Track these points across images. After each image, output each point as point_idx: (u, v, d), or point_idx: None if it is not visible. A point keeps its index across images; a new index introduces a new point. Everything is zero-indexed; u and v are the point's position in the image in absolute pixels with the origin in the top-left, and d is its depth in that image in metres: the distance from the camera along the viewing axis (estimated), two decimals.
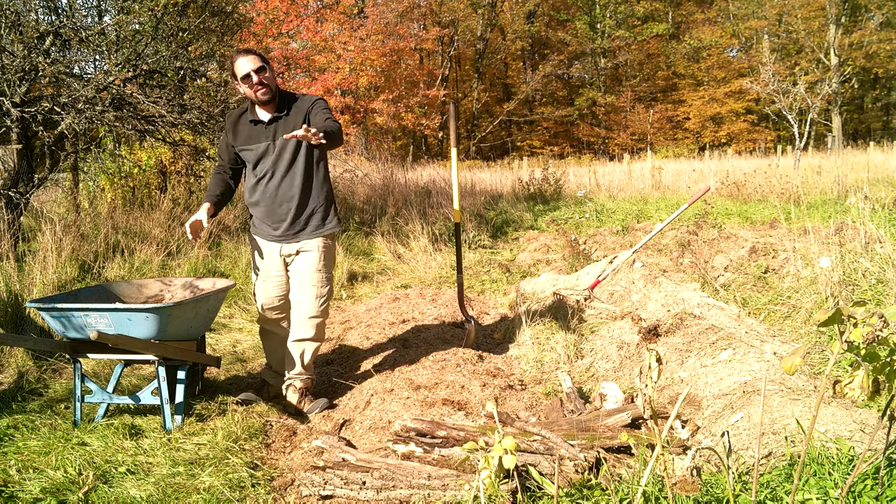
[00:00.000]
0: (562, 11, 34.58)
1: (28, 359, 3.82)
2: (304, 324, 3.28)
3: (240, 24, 8.47)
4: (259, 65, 3.09)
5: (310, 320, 3.28)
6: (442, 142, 29.36)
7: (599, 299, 4.84)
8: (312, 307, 3.27)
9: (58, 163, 6.48)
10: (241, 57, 3.09)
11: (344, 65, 21.23)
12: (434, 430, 2.52)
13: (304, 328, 3.29)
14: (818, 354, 3.04)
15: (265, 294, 3.34)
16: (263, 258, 3.30)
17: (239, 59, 3.09)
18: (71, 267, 5.33)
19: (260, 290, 3.34)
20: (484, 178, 16.16)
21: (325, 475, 2.35)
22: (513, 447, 1.78)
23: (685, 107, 32.29)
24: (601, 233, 8.93)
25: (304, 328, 3.29)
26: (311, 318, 3.29)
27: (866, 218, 4.83)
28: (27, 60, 5.60)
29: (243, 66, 3.07)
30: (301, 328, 3.29)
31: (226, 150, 3.27)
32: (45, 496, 2.37)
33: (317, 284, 3.26)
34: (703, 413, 2.74)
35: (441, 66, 29.15)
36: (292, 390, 3.34)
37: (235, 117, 3.26)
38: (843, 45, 29.45)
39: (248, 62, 3.07)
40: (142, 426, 3.06)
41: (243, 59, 3.08)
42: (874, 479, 1.76)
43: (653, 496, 1.88)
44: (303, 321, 3.28)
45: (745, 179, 11.84)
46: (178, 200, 7.67)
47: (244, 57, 3.09)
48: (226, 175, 3.29)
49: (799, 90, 13.40)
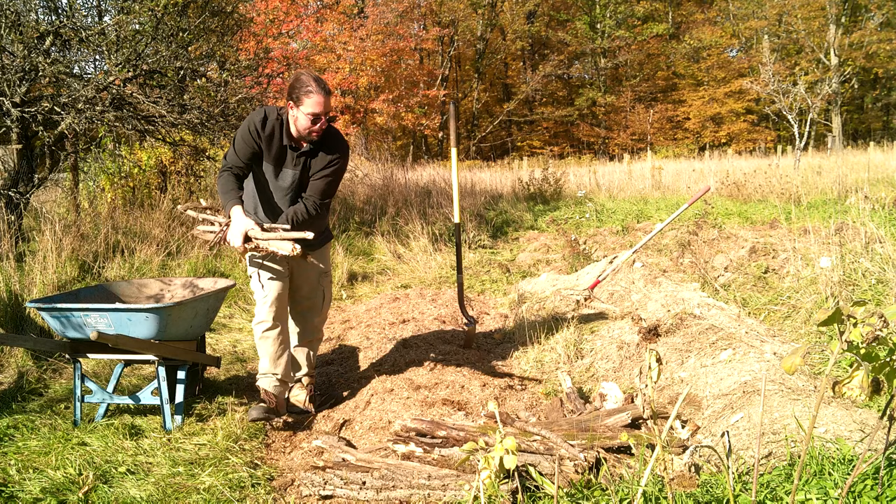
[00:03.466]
0: (562, 11, 34.57)
1: (28, 359, 3.82)
2: (312, 326, 3.35)
3: (240, 24, 8.47)
4: (330, 110, 2.93)
5: (318, 321, 3.37)
6: (442, 142, 29.36)
7: (599, 299, 4.84)
8: (322, 310, 3.35)
9: (58, 163, 6.48)
10: (321, 95, 2.86)
11: (344, 65, 21.23)
12: (434, 430, 2.52)
13: (311, 329, 3.36)
14: (818, 354, 3.04)
15: (279, 286, 3.13)
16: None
17: (318, 95, 2.86)
18: (71, 267, 5.33)
19: (272, 284, 3.12)
20: (484, 178, 16.16)
21: (325, 475, 2.35)
22: (513, 447, 1.78)
23: (685, 107, 32.27)
24: (601, 233, 8.93)
25: (311, 329, 3.36)
26: (320, 320, 3.38)
27: (866, 218, 4.83)
28: (27, 60, 5.60)
29: (318, 104, 2.86)
30: (309, 330, 3.35)
31: (249, 154, 2.98)
32: (45, 496, 2.37)
33: (325, 287, 3.33)
34: (703, 413, 2.74)
35: (441, 66, 29.14)
36: (299, 387, 3.34)
37: (270, 131, 2.95)
38: (843, 45, 29.44)
39: (324, 104, 2.87)
40: (142, 426, 3.06)
41: (321, 99, 2.86)
42: (874, 479, 1.76)
43: (653, 496, 1.88)
44: (310, 323, 3.34)
45: (745, 179, 11.83)
46: (178, 200, 7.66)
47: (323, 96, 2.86)
48: (240, 175, 3.06)
49: (799, 90, 13.39)
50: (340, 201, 10.43)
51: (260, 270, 3.14)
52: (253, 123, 2.93)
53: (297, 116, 2.90)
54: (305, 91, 2.85)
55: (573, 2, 34.49)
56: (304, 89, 2.85)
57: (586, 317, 4.51)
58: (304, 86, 2.86)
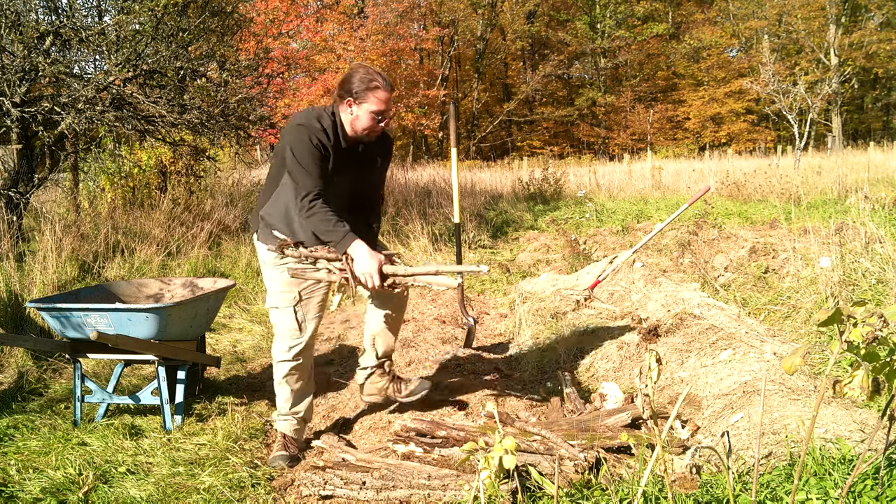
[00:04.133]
0: (562, 11, 34.57)
1: (28, 359, 3.82)
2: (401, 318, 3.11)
3: (240, 24, 8.47)
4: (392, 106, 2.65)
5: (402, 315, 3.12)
6: (442, 142, 29.36)
7: (599, 299, 4.84)
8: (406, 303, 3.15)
9: (58, 163, 6.48)
10: (387, 91, 2.58)
11: (344, 65, 21.22)
12: (434, 430, 2.52)
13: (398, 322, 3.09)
14: (818, 354, 3.04)
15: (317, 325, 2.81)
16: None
17: (384, 91, 2.58)
18: (71, 267, 5.33)
19: (312, 325, 2.77)
20: (484, 178, 16.16)
21: (325, 475, 2.35)
22: (513, 447, 1.78)
23: (685, 107, 32.28)
24: (601, 233, 8.93)
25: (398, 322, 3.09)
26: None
27: (866, 218, 4.83)
28: (27, 60, 5.60)
29: (385, 100, 2.59)
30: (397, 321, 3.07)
31: (323, 169, 2.58)
32: (45, 496, 2.37)
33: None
34: (703, 413, 2.74)
35: (441, 66, 29.14)
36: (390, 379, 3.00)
37: (334, 137, 2.61)
38: (843, 45, 29.44)
39: (388, 100, 2.60)
40: (142, 426, 3.06)
41: (387, 95, 2.58)
42: (874, 479, 1.76)
43: (653, 496, 1.88)
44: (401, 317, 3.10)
45: (745, 179, 11.83)
46: (178, 200, 7.66)
47: (389, 92, 2.59)
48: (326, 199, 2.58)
49: (799, 90, 13.39)
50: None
51: (301, 306, 2.72)
52: (314, 135, 2.54)
53: (358, 115, 2.59)
54: (371, 86, 2.55)
55: (573, 2, 34.49)
56: (370, 84, 2.55)
57: (586, 317, 4.50)
58: (369, 80, 2.56)
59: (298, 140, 2.53)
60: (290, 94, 20.83)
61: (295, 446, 2.83)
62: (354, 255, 2.48)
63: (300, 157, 2.52)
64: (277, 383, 2.82)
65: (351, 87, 2.58)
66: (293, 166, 2.54)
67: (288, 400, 2.82)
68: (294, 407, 2.84)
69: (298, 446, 2.85)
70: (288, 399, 2.82)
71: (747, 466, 2.13)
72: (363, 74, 2.58)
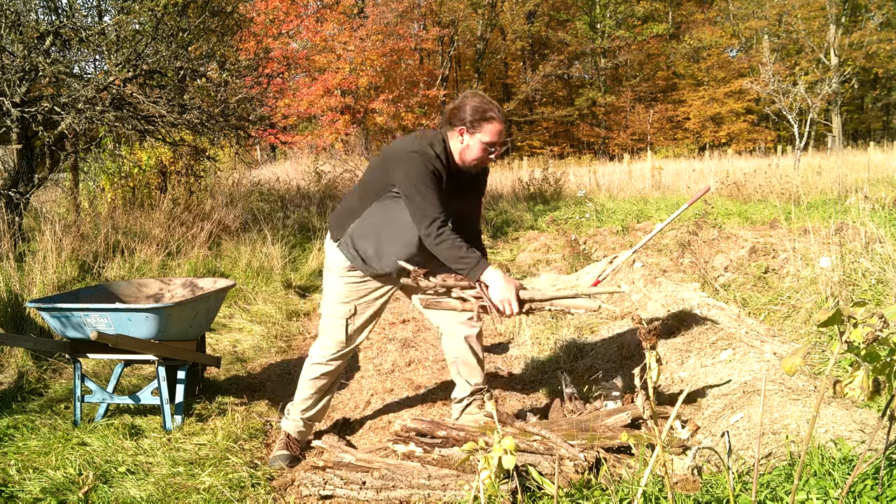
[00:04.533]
0: (562, 11, 34.57)
1: (28, 359, 3.82)
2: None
3: (240, 24, 8.47)
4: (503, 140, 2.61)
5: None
6: None
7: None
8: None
9: (58, 163, 6.48)
10: (502, 123, 2.54)
11: (344, 65, 21.23)
12: (434, 430, 2.52)
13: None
14: (818, 354, 3.04)
15: (367, 332, 2.86)
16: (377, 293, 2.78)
17: (500, 123, 2.54)
18: (71, 267, 5.33)
19: (361, 335, 2.82)
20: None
21: (325, 475, 2.35)
22: (512, 447, 1.78)
23: (685, 107, 32.28)
24: (601, 233, 8.93)
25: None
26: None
27: (866, 218, 4.83)
28: (27, 60, 5.60)
29: (499, 132, 2.54)
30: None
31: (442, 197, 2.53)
32: (45, 496, 2.37)
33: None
34: (703, 413, 2.74)
35: (441, 66, 29.14)
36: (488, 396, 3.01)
37: (441, 165, 2.54)
38: (843, 45, 29.45)
39: (501, 133, 2.55)
40: (142, 426, 3.06)
41: (502, 127, 2.54)
42: (874, 479, 1.76)
43: (653, 496, 1.88)
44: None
45: (745, 179, 11.83)
46: (178, 200, 7.66)
47: (502, 124, 2.54)
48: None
49: (799, 90, 13.39)
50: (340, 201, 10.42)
51: (354, 319, 2.74)
52: (430, 162, 2.48)
53: (470, 144, 2.54)
54: (486, 116, 2.50)
55: (573, 2, 34.49)
56: (485, 115, 2.50)
57: (586, 317, 4.51)
58: (485, 111, 2.50)
59: (416, 168, 2.47)
60: (290, 94, 20.84)
61: (297, 447, 2.84)
62: (490, 282, 2.44)
63: (420, 184, 2.46)
64: (304, 381, 2.84)
65: (464, 116, 2.52)
66: (413, 194, 2.46)
67: (307, 399, 2.84)
68: (308, 410, 2.86)
69: (300, 447, 2.86)
70: (307, 399, 2.84)
71: (747, 466, 2.13)
72: (478, 103, 2.53)
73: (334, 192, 11.30)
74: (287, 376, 3.95)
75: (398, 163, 2.51)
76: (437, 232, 2.45)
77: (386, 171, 2.57)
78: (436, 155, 2.52)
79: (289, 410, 2.90)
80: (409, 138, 2.60)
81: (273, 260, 6.28)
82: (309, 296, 6.02)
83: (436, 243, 2.47)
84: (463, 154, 2.57)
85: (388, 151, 2.63)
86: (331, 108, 21.62)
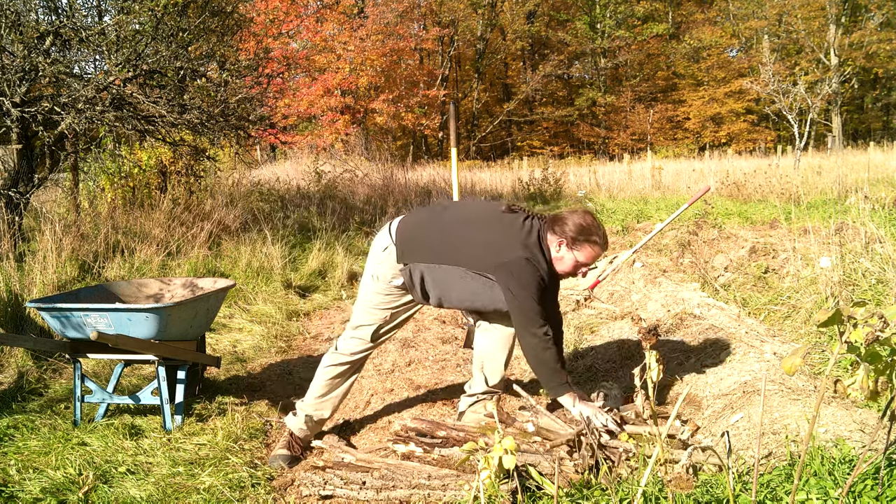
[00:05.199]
0: (562, 11, 34.56)
1: (28, 359, 3.82)
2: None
3: (240, 24, 8.47)
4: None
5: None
6: (442, 142, 29.36)
7: (599, 299, 4.84)
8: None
9: (58, 163, 6.48)
10: (601, 249, 2.62)
11: (344, 65, 21.24)
12: (434, 430, 2.52)
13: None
14: (818, 354, 3.04)
15: (392, 334, 2.95)
16: (414, 306, 2.88)
17: (601, 249, 2.62)
18: (71, 267, 5.33)
19: (387, 336, 2.91)
20: (484, 178, 16.15)
21: (325, 475, 2.35)
22: (513, 447, 1.78)
23: (685, 107, 32.28)
24: None
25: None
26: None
27: (866, 218, 4.83)
28: (27, 60, 5.60)
29: (593, 257, 2.62)
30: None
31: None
32: (45, 496, 2.37)
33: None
34: (703, 413, 2.74)
35: (441, 66, 29.14)
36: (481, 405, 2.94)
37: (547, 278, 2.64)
38: (843, 45, 29.44)
39: (597, 258, 2.66)
40: (142, 426, 3.06)
41: (599, 252, 2.63)
42: (874, 479, 1.76)
43: (653, 496, 1.88)
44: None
45: (745, 179, 11.83)
46: (178, 200, 7.66)
47: (602, 250, 2.63)
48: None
49: (799, 90, 13.39)
50: (340, 201, 10.43)
51: (386, 323, 2.83)
52: (541, 271, 2.58)
53: (564, 257, 2.61)
54: (591, 240, 2.57)
55: (573, 2, 34.49)
56: (590, 238, 2.57)
57: (586, 317, 4.51)
58: (590, 234, 2.57)
59: (528, 275, 2.54)
60: (290, 94, 20.85)
61: (299, 447, 2.85)
62: (564, 404, 2.55)
63: (532, 292, 2.53)
64: (323, 373, 2.88)
65: (567, 230, 2.57)
66: (524, 300, 2.53)
67: (321, 388, 2.86)
68: (321, 404, 2.87)
69: (302, 447, 2.86)
70: (323, 386, 2.86)
71: (747, 466, 2.13)
72: (587, 224, 2.58)
73: (334, 192, 11.30)
74: (287, 376, 3.95)
75: (508, 265, 2.55)
76: (545, 339, 2.54)
77: (490, 258, 2.58)
78: (545, 266, 2.61)
79: (297, 407, 2.91)
80: (519, 239, 2.60)
81: (273, 260, 6.28)
82: (309, 296, 6.02)
83: (544, 349, 2.54)
84: (555, 262, 2.64)
85: (499, 239, 2.62)
86: (331, 108, 21.63)
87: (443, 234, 2.70)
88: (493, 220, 2.69)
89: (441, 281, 2.66)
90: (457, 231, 2.70)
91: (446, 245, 2.66)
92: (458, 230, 2.70)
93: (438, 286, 2.67)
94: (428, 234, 2.73)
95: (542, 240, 2.63)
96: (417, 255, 2.68)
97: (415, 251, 2.69)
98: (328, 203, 10.06)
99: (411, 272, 2.67)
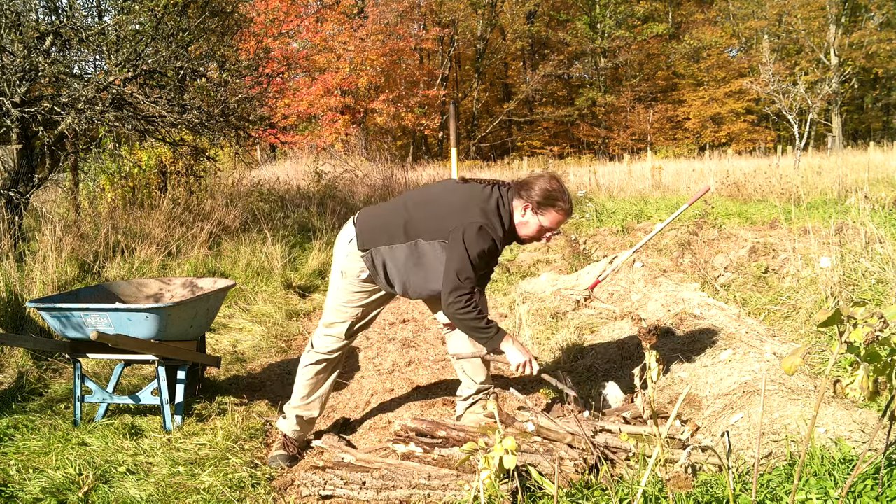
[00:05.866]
0: (562, 11, 34.55)
1: (28, 359, 3.82)
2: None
3: (240, 24, 8.47)
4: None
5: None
6: (442, 142, 29.36)
7: (599, 299, 4.84)
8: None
9: (58, 163, 6.48)
10: (567, 215, 2.63)
11: (344, 65, 21.25)
12: (434, 430, 2.52)
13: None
14: (818, 354, 3.04)
15: (366, 328, 2.95)
16: (385, 296, 2.88)
17: (564, 214, 2.61)
18: (71, 267, 5.33)
19: (365, 326, 2.92)
20: (484, 177, 16.14)
21: (325, 475, 2.35)
22: (513, 447, 1.78)
23: (685, 107, 32.27)
24: (601, 233, 8.93)
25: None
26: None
27: (866, 218, 4.83)
28: (27, 60, 5.60)
29: (558, 222, 2.63)
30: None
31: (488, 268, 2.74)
32: (45, 496, 2.37)
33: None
34: (703, 413, 2.74)
35: (441, 66, 29.14)
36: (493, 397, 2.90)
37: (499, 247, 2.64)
38: (843, 45, 29.44)
39: (562, 223, 2.66)
40: (142, 426, 3.06)
41: (564, 217, 2.63)
42: (874, 479, 1.76)
43: (653, 496, 1.88)
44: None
45: (745, 179, 11.83)
46: (178, 200, 7.66)
47: (568, 215, 2.64)
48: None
49: (799, 90, 13.38)
50: (340, 201, 10.43)
51: (359, 319, 2.82)
52: (492, 242, 2.56)
53: (528, 222, 2.61)
54: (557, 205, 2.57)
55: (573, 2, 34.48)
56: (556, 203, 2.56)
57: (586, 317, 4.50)
58: (556, 198, 2.56)
59: (478, 243, 2.51)
60: (290, 94, 20.85)
61: (294, 447, 2.85)
62: (506, 351, 2.62)
63: (474, 258, 2.51)
64: (304, 373, 2.86)
65: (533, 194, 2.57)
66: (462, 263, 2.50)
67: (305, 388, 2.85)
68: (307, 404, 2.86)
69: (298, 446, 2.87)
70: (305, 386, 2.85)
71: (747, 466, 2.13)
72: (552, 189, 2.57)
73: (334, 192, 11.30)
74: (287, 376, 3.95)
75: (462, 227, 2.52)
76: (464, 304, 2.51)
77: (446, 223, 2.56)
78: (502, 237, 2.59)
79: (285, 410, 2.91)
80: (480, 205, 2.59)
81: (273, 260, 6.28)
82: (309, 296, 6.01)
83: (460, 314, 2.53)
84: (519, 228, 2.64)
85: (456, 204, 2.60)
86: (331, 108, 21.64)
87: (403, 214, 2.68)
88: (453, 191, 2.69)
89: (401, 264, 2.64)
90: (416, 210, 2.68)
91: (407, 223, 2.64)
92: (417, 208, 2.69)
93: (400, 271, 2.65)
94: (387, 217, 2.72)
95: (502, 206, 2.61)
96: (377, 239, 2.67)
97: (375, 236, 2.68)
98: (328, 203, 10.06)
99: (373, 258, 2.66)
